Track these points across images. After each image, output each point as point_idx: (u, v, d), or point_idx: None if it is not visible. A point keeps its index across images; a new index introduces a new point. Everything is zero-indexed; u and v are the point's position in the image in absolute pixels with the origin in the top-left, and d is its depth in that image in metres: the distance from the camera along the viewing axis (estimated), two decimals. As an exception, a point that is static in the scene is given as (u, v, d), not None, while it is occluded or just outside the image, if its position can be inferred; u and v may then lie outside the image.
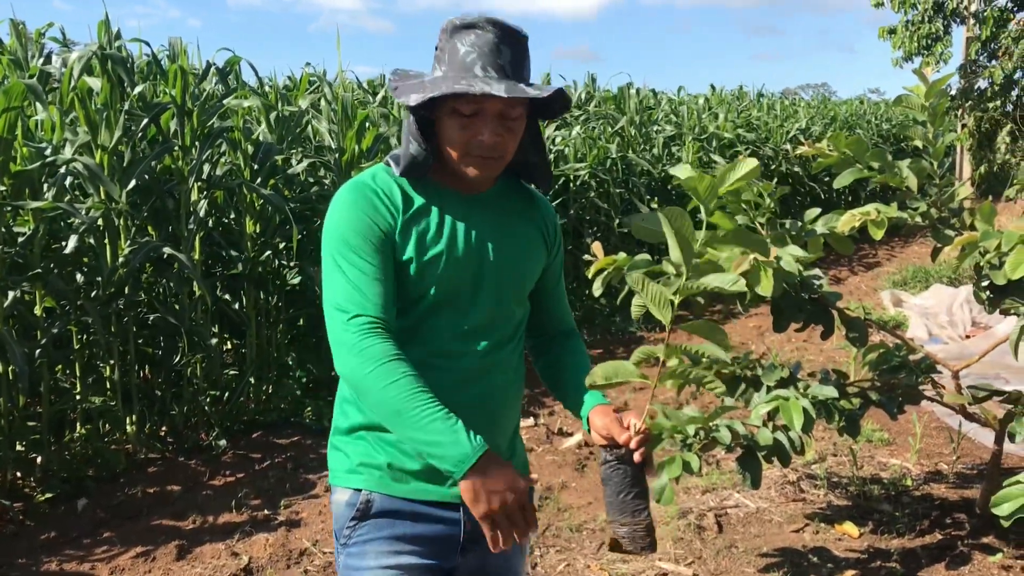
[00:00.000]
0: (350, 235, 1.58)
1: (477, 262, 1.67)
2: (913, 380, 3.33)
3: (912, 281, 9.49)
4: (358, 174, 1.69)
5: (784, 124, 13.21)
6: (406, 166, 1.62)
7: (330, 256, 1.59)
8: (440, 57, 1.61)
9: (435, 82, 1.56)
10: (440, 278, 1.63)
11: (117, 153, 4.64)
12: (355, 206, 1.60)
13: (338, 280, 1.56)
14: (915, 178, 3.23)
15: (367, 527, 1.64)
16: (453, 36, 1.59)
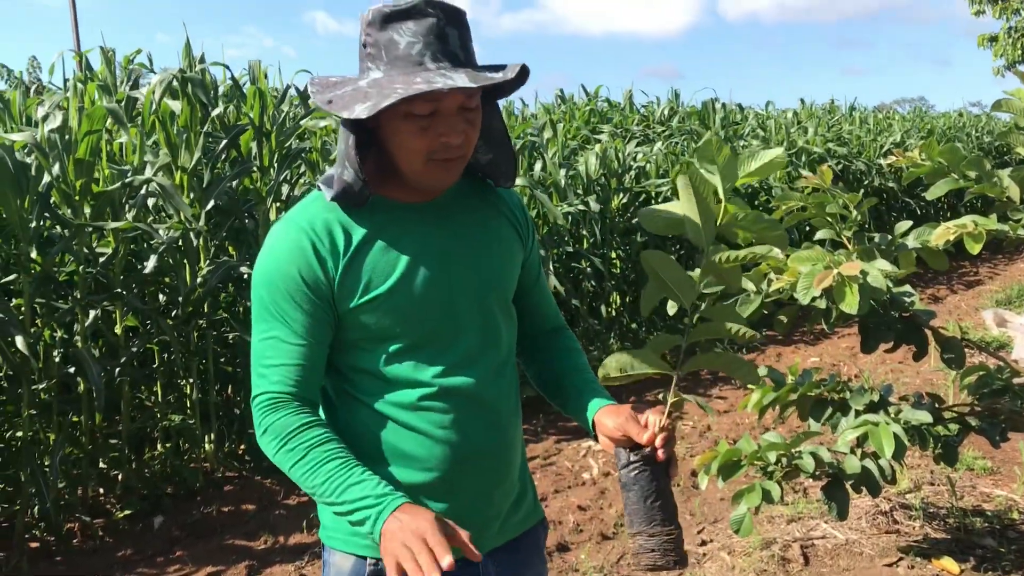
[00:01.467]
0: (272, 293, 1.40)
1: (446, 285, 1.46)
2: (1018, 405, 3.08)
3: (1017, 300, 8.99)
4: (291, 210, 1.49)
5: (877, 138, 12.76)
6: (344, 198, 1.41)
7: (255, 312, 1.44)
8: (373, 55, 1.36)
9: (379, 84, 1.33)
10: (405, 315, 1.43)
11: (196, 174, 4.71)
12: (282, 257, 1.40)
13: (258, 343, 1.43)
14: (1017, 188, 3.00)
15: None
16: (386, 27, 1.34)
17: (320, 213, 1.43)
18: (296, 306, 1.40)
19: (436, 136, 1.37)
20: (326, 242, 1.41)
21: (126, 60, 6.27)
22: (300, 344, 1.40)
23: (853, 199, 3.09)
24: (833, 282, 2.50)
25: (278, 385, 1.39)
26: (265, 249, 1.44)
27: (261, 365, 1.41)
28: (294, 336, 1.40)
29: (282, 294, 1.40)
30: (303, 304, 1.40)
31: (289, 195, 5.21)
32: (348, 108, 1.33)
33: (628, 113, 10.53)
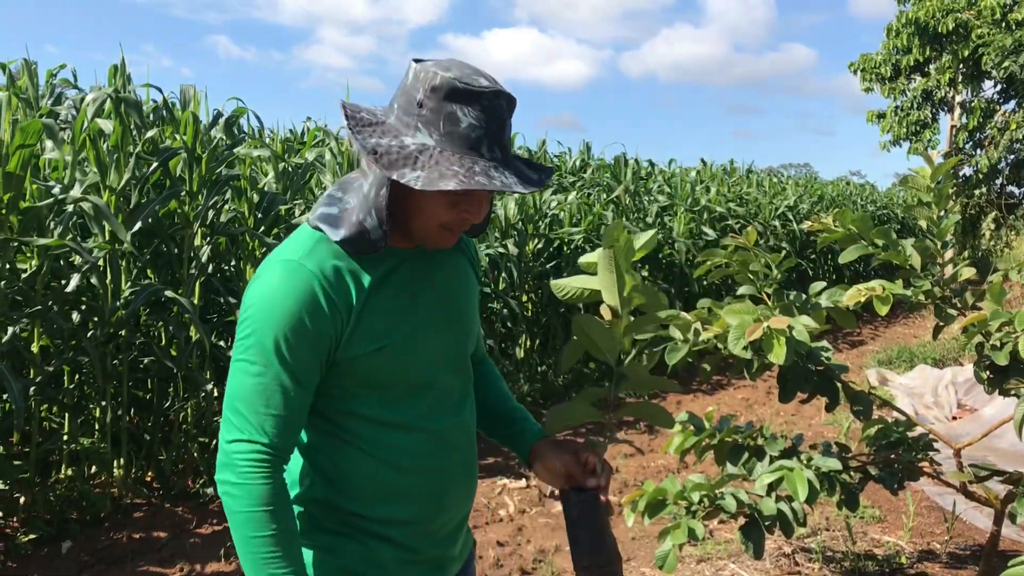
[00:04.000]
0: (276, 334, 1.34)
1: (443, 332, 1.49)
2: (912, 456, 3.35)
3: (897, 360, 9.56)
4: (285, 247, 1.42)
5: (773, 200, 13.42)
6: (356, 244, 1.38)
7: (245, 352, 1.36)
8: (429, 120, 1.33)
9: (432, 156, 1.31)
10: (407, 363, 1.44)
11: (125, 195, 4.67)
12: (290, 299, 1.35)
13: (244, 385, 1.36)
14: (919, 257, 3.30)
15: None
16: (450, 99, 1.32)
17: (328, 259, 1.39)
18: (300, 351, 1.35)
19: (462, 212, 1.40)
20: (337, 291, 1.38)
21: (49, 74, 6.16)
22: (300, 391, 1.37)
23: (775, 259, 3.33)
24: (762, 334, 2.70)
25: (277, 439, 1.36)
26: (268, 287, 1.36)
27: (258, 409, 1.35)
28: (297, 384, 1.36)
29: (287, 337, 1.34)
30: (307, 350, 1.36)
31: (214, 221, 5.20)
32: (399, 171, 1.31)
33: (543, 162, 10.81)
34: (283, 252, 1.41)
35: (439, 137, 1.32)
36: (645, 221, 9.80)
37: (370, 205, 1.38)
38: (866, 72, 16.60)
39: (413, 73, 1.36)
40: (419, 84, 1.35)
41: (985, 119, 14.07)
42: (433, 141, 1.33)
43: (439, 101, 1.32)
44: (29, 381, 4.14)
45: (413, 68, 1.37)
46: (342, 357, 1.39)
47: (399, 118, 1.37)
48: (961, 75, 15.10)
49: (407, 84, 1.37)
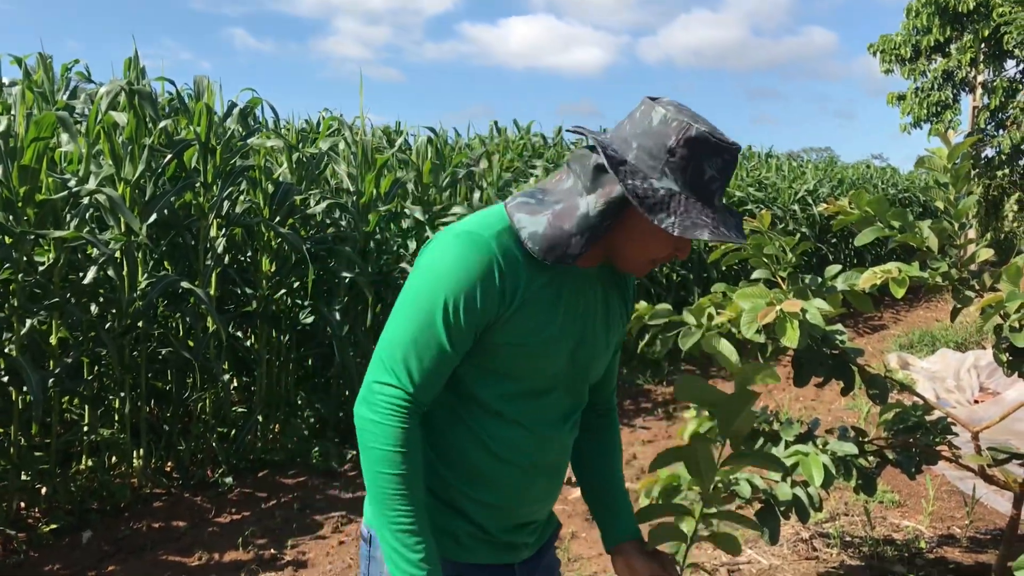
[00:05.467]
0: (447, 303, 1.40)
1: (580, 347, 1.56)
2: (930, 440, 3.32)
3: (919, 344, 9.48)
4: (472, 220, 1.48)
5: (792, 185, 13.31)
6: (548, 248, 1.42)
7: (412, 304, 1.43)
8: (677, 167, 1.38)
9: (679, 202, 1.37)
10: (540, 365, 1.51)
11: (139, 187, 4.69)
12: (471, 272, 1.41)
13: (404, 334, 1.42)
14: (936, 239, 3.26)
15: None
16: (700, 152, 1.38)
17: (511, 245, 1.44)
18: (463, 318, 1.41)
19: (673, 251, 1.48)
20: (509, 278, 1.43)
21: (63, 68, 6.19)
22: (452, 355, 1.43)
23: (789, 242, 3.30)
24: (775, 318, 2.68)
25: (421, 392, 1.42)
26: (452, 252, 1.42)
27: (411, 360, 1.41)
28: (451, 348, 1.42)
29: (456, 302, 1.40)
30: (469, 320, 1.42)
31: (230, 212, 5.21)
32: (657, 216, 1.36)
33: (560, 149, 10.77)
34: (470, 224, 1.46)
35: (682, 185, 1.39)
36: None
37: (588, 225, 1.42)
38: (886, 53, 16.40)
39: (660, 118, 1.40)
40: (670, 132, 1.39)
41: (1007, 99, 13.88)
42: (678, 187, 1.39)
43: (690, 152, 1.38)
44: (48, 373, 4.17)
45: (659, 112, 1.41)
46: (488, 340, 1.46)
47: (641, 159, 1.41)
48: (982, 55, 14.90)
49: (652, 127, 1.40)
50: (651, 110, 1.42)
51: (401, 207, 6.02)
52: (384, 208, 5.83)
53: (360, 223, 5.76)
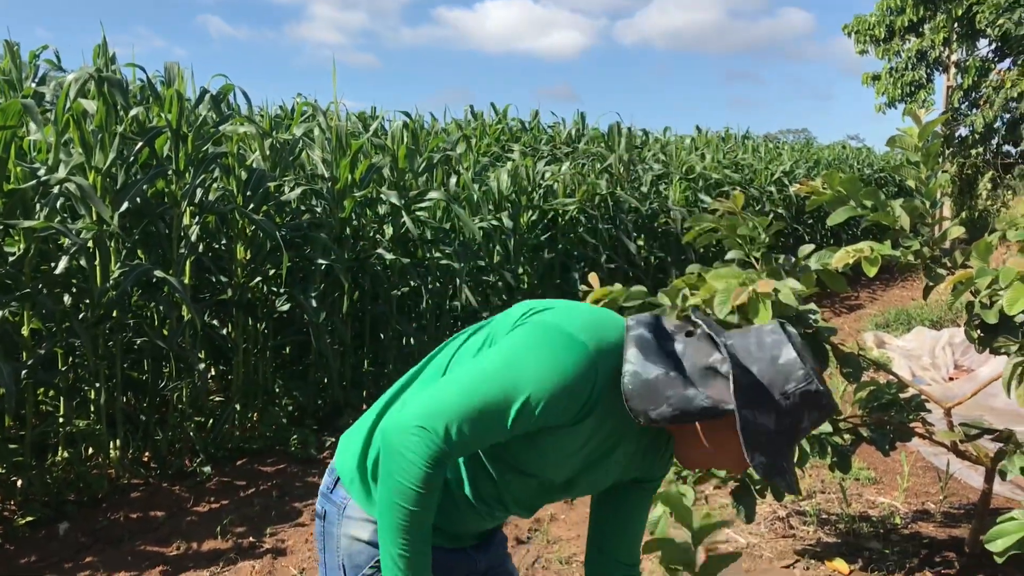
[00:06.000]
0: (529, 401, 1.41)
1: (596, 482, 1.61)
2: (904, 417, 3.35)
3: (894, 323, 9.57)
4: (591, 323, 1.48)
5: (769, 166, 13.36)
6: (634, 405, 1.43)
7: (493, 376, 1.44)
8: (783, 410, 1.41)
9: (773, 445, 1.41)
10: (552, 479, 1.56)
11: (111, 175, 4.64)
12: (565, 387, 1.42)
13: (469, 400, 1.42)
14: (908, 217, 3.28)
15: None
16: (807, 404, 1.42)
17: (608, 376, 1.45)
18: (533, 423, 1.44)
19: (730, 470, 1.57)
20: (588, 406, 1.45)
21: (31, 55, 6.10)
22: (499, 441, 1.47)
23: (762, 222, 3.30)
24: (748, 298, 2.69)
25: (459, 451, 1.44)
26: (557, 360, 1.43)
27: (465, 425, 1.41)
28: (508, 434, 1.45)
29: (535, 408, 1.42)
30: (535, 423, 1.44)
31: (203, 199, 5.17)
32: (752, 453, 1.40)
33: (537, 133, 10.76)
34: (587, 330, 1.46)
35: (779, 427, 1.42)
36: (640, 190, 9.76)
37: (683, 409, 1.43)
38: (860, 34, 16.46)
39: (789, 360, 1.43)
40: (792, 379, 1.42)
41: (980, 78, 13.98)
42: (774, 427, 1.42)
43: (801, 403, 1.42)
44: (21, 364, 4.13)
45: (789, 352, 1.43)
46: (537, 437, 1.49)
47: (758, 385, 1.42)
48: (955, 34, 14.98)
49: (779, 363, 1.43)
50: (782, 344, 1.44)
51: (377, 192, 5.99)
52: (359, 194, 5.80)
53: (335, 209, 5.73)
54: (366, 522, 1.59)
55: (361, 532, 1.59)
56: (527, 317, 1.52)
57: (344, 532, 1.60)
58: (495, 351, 1.48)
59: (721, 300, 2.79)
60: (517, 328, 1.51)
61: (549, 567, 3.64)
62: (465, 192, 7.03)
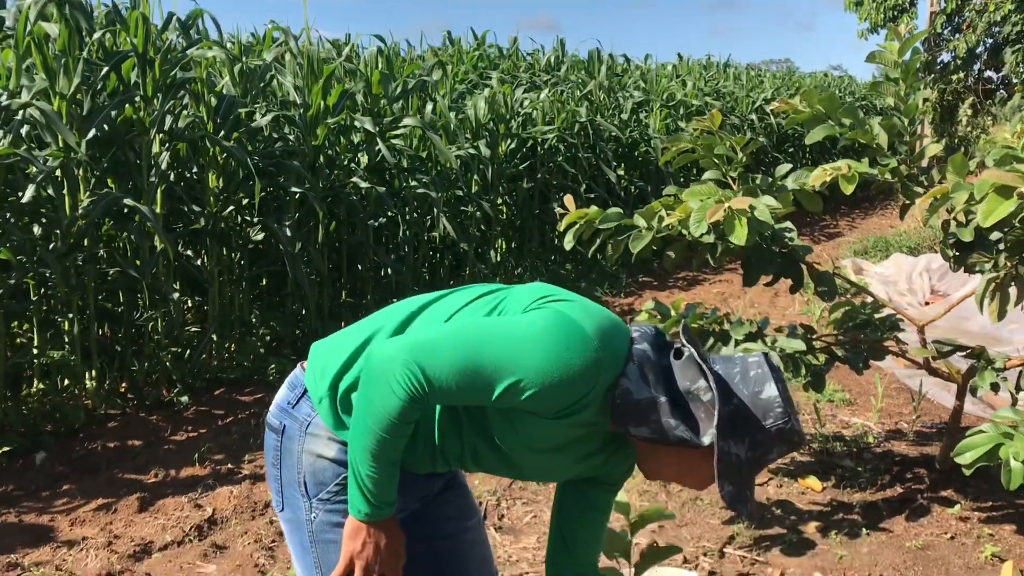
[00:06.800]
0: (519, 384, 1.41)
1: (545, 466, 1.61)
2: (878, 336, 3.37)
3: (873, 250, 9.60)
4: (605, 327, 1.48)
5: (750, 94, 13.25)
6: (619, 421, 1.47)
7: (493, 345, 1.42)
8: (755, 443, 1.46)
9: (739, 465, 1.45)
10: (506, 449, 1.55)
11: (76, 102, 4.52)
12: (560, 382, 1.41)
13: (464, 360, 1.41)
14: (886, 135, 3.25)
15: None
16: (780, 440, 1.47)
17: (603, 385, 1.46)
18: (516, 404, 1.43)
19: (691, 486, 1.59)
20: (578, 405, 1.45)
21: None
22: (481, 403, 1.46)
23: (739, 141, 3.27)
24: (724, 215, 2.66)
25: (436, 399, 1.43)
26: (562, 355, 1.42)
27: (453, 380, 1.41)
28: (485, 401, 1.44)
29: (524, 392, 1.41)
30: (522, 404, 1.44)
31: (172, 126, 5.06)
32: (722, 481, 1.43)
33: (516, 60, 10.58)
34: (600, 334, 1.46)
35: (749, 455, 1.47)
36: (620, 118, 9.65)
37: (663, 436, 1.46)
38: (844, -42, 16.16)
39: (770, 398, 1.46)
40: (771, 416, 1.46)
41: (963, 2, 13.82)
42: (745, 457, 1.46)
43: (775, 439, 1.47)
44: (-10, 295, 4.08)
45: (771, 391, 1.46)
46: (516, 417, 1.50)
47: (736, 416, 1.46)
48: (940, -42, 14.76)
49: (759, 398, 1.46)
50: (766, 381, 1.47)
51: (351, 119, 5.88)
52: (332, 120, 5.69)
53: (308, 137, 5.63)
54: (332, 441, 1.58)
55: (326, 450, 1.58)
56: (545, 301, 1.52)
57: (307, 449, 1.59)
58: (508, 320, 1.48)
59: (697, 218, 2.77)
60: (533, 310, 1.50)
61: (526, 487, 3.67)
62: (441, 120, 6.93)
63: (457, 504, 1.81)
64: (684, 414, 1.47)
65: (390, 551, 1.53)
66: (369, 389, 1.43)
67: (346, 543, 1.52)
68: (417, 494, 1.68)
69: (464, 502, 1.83)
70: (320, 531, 1.60)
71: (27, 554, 3.17)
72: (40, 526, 3.40)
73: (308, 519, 1.60)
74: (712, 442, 1.43)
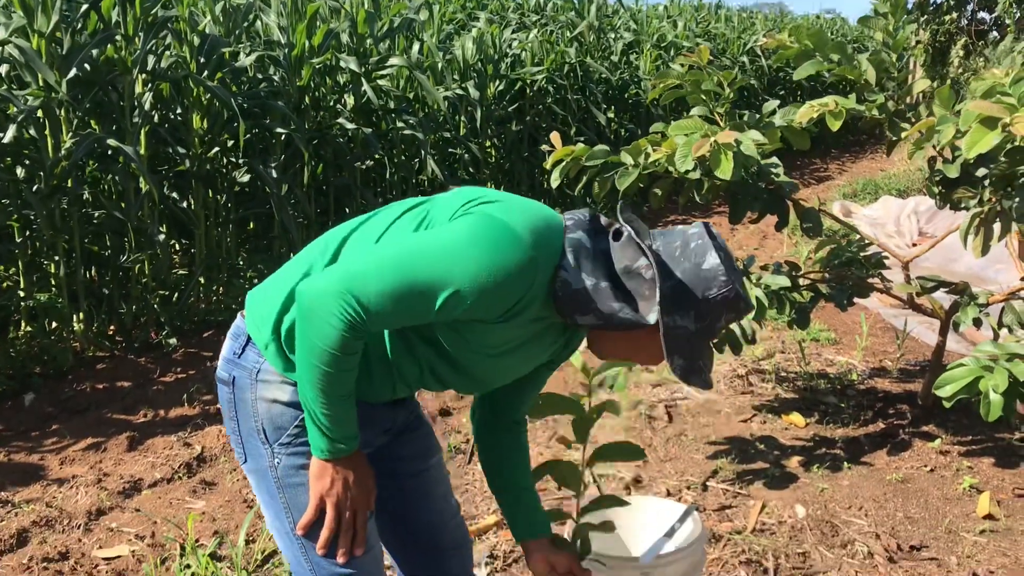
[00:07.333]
0: (459, 293, 1.38)
1: (516, 372, 1.61)
2: (864, 273, 3.38)
3: (862, 193, 9.59)
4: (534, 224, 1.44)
5: (741, 36, 13.12)
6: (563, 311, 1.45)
7: (425, 259, 1.40)
8: (701, 312, 1.44)
9: (690, 339, 1.44)
10: (480, 368, 1.55)
11: (55, 40, 4.44)
12: (499, 285, 1.39)
13: (396, 279, 1.38)
14: (874, 70, 3.22)
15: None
16: (727, 308, 1.45)
17: (545, 278, 1.44)
18: (461, 313, 1.41)
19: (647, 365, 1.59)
20: (522, 304, 1.44)
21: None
22: (422, 321, 1.45)
23: (727, 76, 3.24)
24: (709, 150, 2.65)
25: (375, 323, 1.40)
26: (495, 256, 1.39)
27: (388, 303, 1.38)
28: (431, 319, 1.43)
29: (465, 300, 1.39)
30: (464, 315, 1.42)
31: (155, 66, 4.98)
32: (671, 356, 1.43)
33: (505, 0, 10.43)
34: (530, 231, 1.43)
35: (698, 326, 1.45)
36: (611, 59, 9.55)
37: (609, 320, 1.45)
38: None
39: (712, 267, 1.43)
40: (714, 285, 1.44)
41: (959, -58, 13.62)
42: (694, 328, 1.45)
43: (721, 308, 1.45)
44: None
45: (713, 260, 1.44)
46: (463, 328, 1.48)
47: (679, 290, 1.44)
48: None
49: (701, 269, 1.44)
50: (707, 251, 1.45)
51: (336, 60, 5.80)
52: (317, 60, 5.62)
53: (293, 77, 5.56)
54: (284, 384, 1.55)
55: (280, 394, 1.55)
56: (472, 206, 1.47)
57: (261, 396, 1.56)
58: (436, 233, 1.45)
59: (683, 153, 2.76)
60: (460, 217, 1.46)
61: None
62: (429, 60, 6.84)
63: (423, 443, 1.81)
64: (627, 295, 1.46)
65: (360, 486, 1.53)
66: (306, 326, 1.41)
67: (313, 484, 1.52)
68: (382, 427, 1.67)
69: (428, 441, 1.83)
70: (286, 476, 1.57)
71: (17, 492, 3.20)
72: (30, 465, 3.43)
73: (272, 465, 1.57)
74: (657, 319, 1.42)
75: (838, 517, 2.89)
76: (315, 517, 1.53)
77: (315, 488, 1.51)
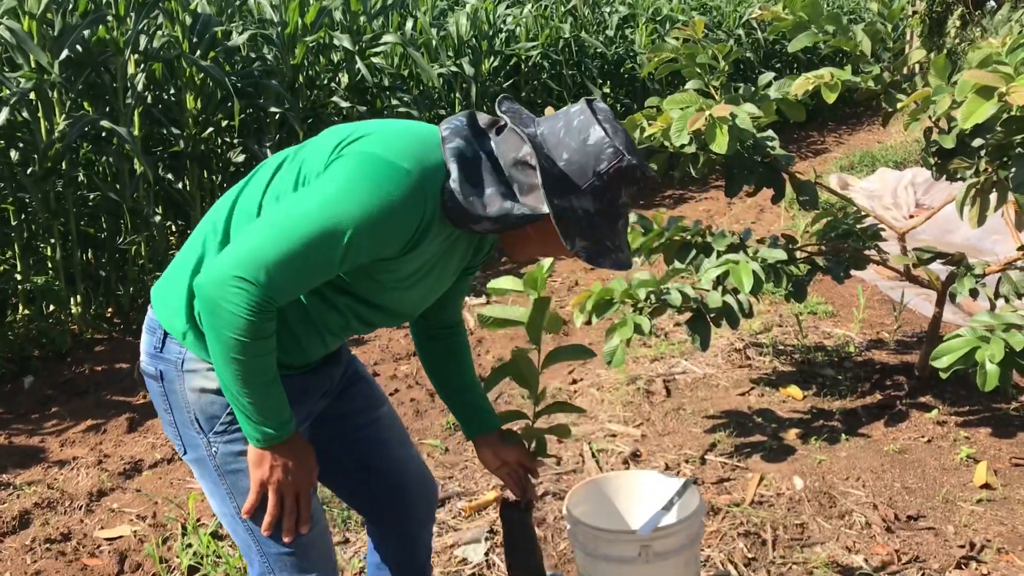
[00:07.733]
0: (354, 237, 1.36)
1: (436, 289, 1.62)
2: (860, 245, 3.38)
3: (859, 166, 9.56)
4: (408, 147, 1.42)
5: (737, 9, 13.02)
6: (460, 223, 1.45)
7: (309, 216, 1.36)
8: (597, 190, 1.42)
9: (593, 222, 1.43)
10: (401, 300, 1.55)
11: (47, 21, 4.42)
12: (390, 217, 1.38)
13: (285, 243, 1.35)
14: (869, 41, 3.21)
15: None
16: (623, 180, 1.42)
17: (435, 197, 1.42)
18: (362, 256, 1.40)
19: (557, 256, 1.60)
20: (421, 231, 1.43)
21: None
22: (329, 276, 1.43)
23: (722, 49, 3.23)
24: (705, 123, 2.64)
25: (283, 296, 1.39)
26: (377, 189, 1.37)
27: (283, 270, 1.35)
28: (336, 271, 1.41)
29: (362, 242, 1.37)
30: (366, 258, 1.41)
31: (147, 47, 4.95)
32: (571, 240, 1.42)
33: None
34: (405, 155, 1.41)
35: (599, 207, 1.44)
36: (606, 34, 9.50)
37: (506, 221, 1.44)
38: None
39: (598, 139, 1.41)
40: (604, 157, 1.41)
41: (956, -90, 13.52)
42: (594, 209, 1.44)
43: (616, 180, 1.42)
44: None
45: (597, 132, 1.41)
46: (372, 270, 1.47)
47: (570, 170, 1.42)
48: None
49: (587, 144, 1.41)
50: (590, 125, 1.42)
51: (329, 38, 5.77)
52: (311, 38, 5.59)
53: (287, 56, 5.53)
54: (211, 371, 1.51)
55: (208, 383, 1.53)
56: (343, 147, 1.44)
57: (189, 387, 1.53)
58: (314, 189, 1.41)
59: (678, 127, 2.76)
60: (334, 162, 1.43)
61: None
62: (423, 37, 6.81)
63: (366, 396, 1.82)
64: (518, 189, 1.45)
65: (300, 467, 1.52)
66: (213, 319, 1.37)
67: (253, 472, 1.50)
68: (317, 392, 1.66)
69: (371, 392, 1.84)
70: (224, 463, 1.56)
71: (19, 474, 3.21)
72: (31, 447, 3.44)
73: (210, 455, 1.56)
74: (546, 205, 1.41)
75: (836, 488, 2.90)
76: (257, 503, 1.53)
77: (255, 476, 1.51)
